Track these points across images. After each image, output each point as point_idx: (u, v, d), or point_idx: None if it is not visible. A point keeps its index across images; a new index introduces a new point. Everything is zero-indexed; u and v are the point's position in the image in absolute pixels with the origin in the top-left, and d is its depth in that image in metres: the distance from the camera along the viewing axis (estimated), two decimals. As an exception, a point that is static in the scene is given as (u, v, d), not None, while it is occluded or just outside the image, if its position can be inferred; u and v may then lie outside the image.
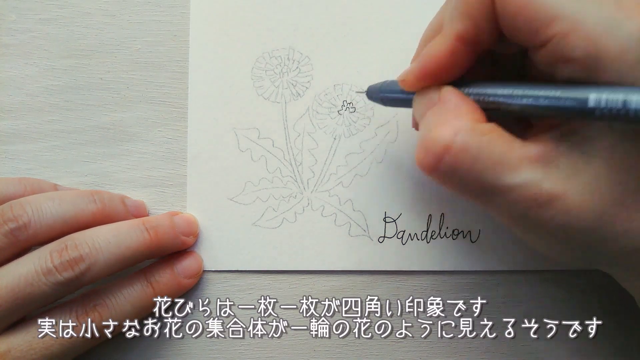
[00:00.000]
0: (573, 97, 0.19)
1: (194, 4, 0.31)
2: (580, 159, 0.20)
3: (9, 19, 0.31)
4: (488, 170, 0.20)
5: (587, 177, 0.20)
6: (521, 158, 0.20)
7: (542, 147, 0.20)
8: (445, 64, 0.22)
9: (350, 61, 0.31)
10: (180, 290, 0.29)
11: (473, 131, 0.20)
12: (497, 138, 0.20)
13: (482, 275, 0.31)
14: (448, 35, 0.22)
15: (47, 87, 0.31)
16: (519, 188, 0.20)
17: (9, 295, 0.24)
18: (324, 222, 0.30)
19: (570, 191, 0.20)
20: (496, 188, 0.20)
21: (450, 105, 0.22)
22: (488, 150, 0.20)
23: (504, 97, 0.21)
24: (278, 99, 0.31)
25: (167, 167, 0.31)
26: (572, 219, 0.20)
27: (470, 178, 0.21)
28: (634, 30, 0.18)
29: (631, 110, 0.17)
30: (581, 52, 0.18)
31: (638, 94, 0.17)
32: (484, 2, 0.20)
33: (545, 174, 0.20)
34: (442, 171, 0.21)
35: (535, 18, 0.19)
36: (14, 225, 0.25)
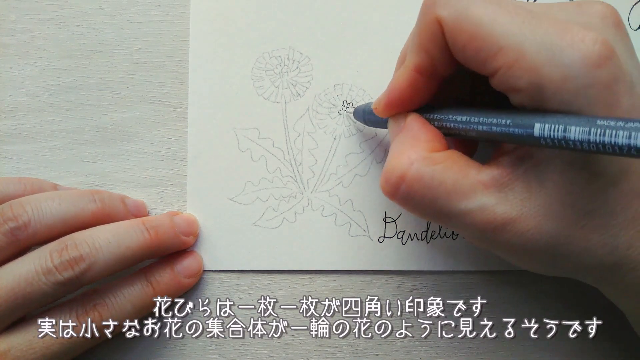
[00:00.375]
0: (520, 124, 0.19)
1: (194, 4, 0.31)
2: (535, 182, 0.20)
3: (9, 19, 0.31)
4: (441, 197, 0.21)
5: (541, 200, 0.20)
6: (475, 184, 0.21)
7: (498, 171, 0.21)
8: (407, 94, 0.23)
9: (350, 61, 0.31)
10: (181, 290, 0.29)
11: (426, 160, 0.22)
12: (451, 166, 0.21)
13: (482, 275, 0.31)
14: (407, 67, 0.23)
15: (47, 87, 0.31)
16: (473, 213, 0.21)
17: (8, 295, 0.24)
18: (324, 222, 0.30)
19: (524, 214, 0.20)
20: (452, 213, 0.21)
21: (410, 134, 0.23)
22: (441, 178, 0.21)
23: (462, 124, 0.22)
24: (278, 99, 0.31)
25: (167, 167, 0.31)
26: (528, 240, 0.21)
27: (425, 205, 0.22)
28: (575, 57, 0.18)
29: (570, 140, 0.18)
30: (525, 82, 0.19)
31: (576, 124, 0.17)
32: (436, 36, 0.21)
33: (499, 198, 0.21)
34: (399, 198, 0.22)
35: (482, 50, 0.20)
36: (14, 225, 0.25)
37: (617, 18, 0.21)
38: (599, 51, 0.18)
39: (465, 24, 0.20)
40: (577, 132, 0.17)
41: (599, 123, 0.17)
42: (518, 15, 0.19)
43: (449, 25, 0.20)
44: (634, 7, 0.31)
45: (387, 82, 0.25)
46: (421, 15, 0.22)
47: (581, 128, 0.17)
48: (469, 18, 0.20)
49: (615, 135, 0.16)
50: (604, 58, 0.18)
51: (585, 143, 0.17)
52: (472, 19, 0.20)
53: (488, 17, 0.19)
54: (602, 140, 0.17)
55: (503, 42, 0.19)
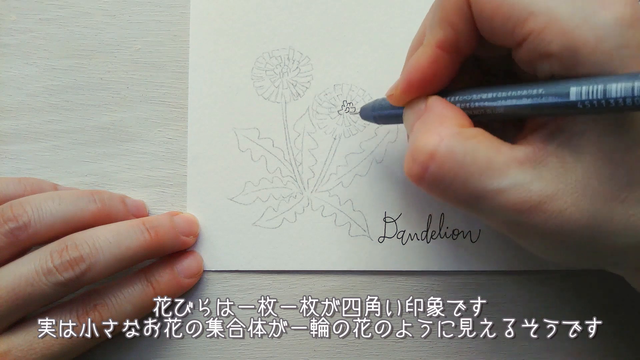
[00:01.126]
0: (554, 92, 0.18)
1: (194, 4, 0.31)
2: (570, 157, 0.19)
3: (9, 19, 0.31)
4: (474, 175, 0.20)
5: (578, 175, 0.19)
6: (509, 161, 0.20)
7: (531, 148, 0.20)
8: (429, 74, 0.22)
9: (350, 61, 0.31)
10: (181, 290, 0.29)
11: (458, 136, 0.20)
12: (483, 142, 0.20)
13: (482, 275, 0.31)
14: (429, 44, 0.22)
15: (47, 87, 0.31)
16: (507, 192, 0.20)
17: (9, 295, 0.24)
18: (324, 222, 0.30)
19: (561, 191, 0.19)
20: (484, 193, 0.20)
21: (435, 114, 0.22)
22: (474, 155, 0.20)
23: (489, 101, 0.21)
24: (278, 99, 0.31)
25: (167, 167, 0.31)
26: (566, 220, 0.19)
27: (457, 184, 0.20)
28: (608, 18, 0.18)
29: (612, 99, 0.17)
30: (558, 46, 0.18)
31: (616, 83, 0.17)
32: (461, 7, 0.20)
33: (534, 175, 0.20)
34: (428, 180, 0.21)
35: (510, 17, 0.19)
36: (14, 225, 0.25)
37: None
38: (630, 12, 0.18)
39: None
40: (619, 89, 0.17)
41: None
42: None
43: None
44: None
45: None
46: None
47: (623, 84, 0.17)
48: None
49: None
50: (636, 18, 0.18)
51: (629, 99, 0.16)
52: None
53: None
54: None
55: (533, 6, 0.19)
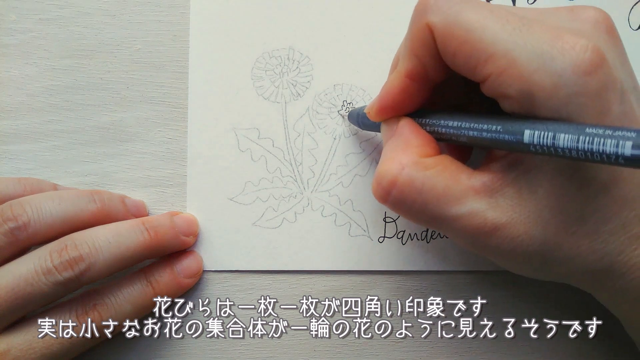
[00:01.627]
0: (510, 131, 0.19)
1: (194, 4, 0.31)
2: (526, 188, 0.21)
3: (9, 19, 0.31)
4: (432, 202, 0.21)
5: (532, 206, 0.20)
6: (466, 189, 0.21)
7: (489, 177, 0.21)
8: (399, 99, 0.23)
9: (350, 61, 0.31)
10: (180, 290, 0.29)
11: (417, 165, 0.22)
12: (442, 171, 0.21)
13: (482, 275, 0.31)
14: (399, 73, 0.23)
15: (47, 87, 0.31)
16: (463, 218, 0.21)
17: (8, 295, 0.24)
18: (324, 222, 0.30)
19: (514, 220, 0.21)
20: (442, 218, 0.21)
21: (402, 139, 0.23)
22: (432, 183, 0.21)
23: (453, 129, 0.22)
24: (278, 99, 0.31)
25: (167, 167, 0.31)
26: (518, 246, 0.21)
27: (416, 209, 0.22)
28: (565, 65, 0.18)
29: (559, 149, 0.18)
30: (515, 90, 0.19)
31: (565, 132, 0.17)
32: (427, 42, 0.21)
33: (489, 204, 0.21)
34: (391, 203, 0.22)
35: (472, 56, 0.20)
36: (14, 225, 0.25)
37: (610, 24, 0.21)
38: (589, 59, 0.18)
39: (455, 30, 0.20)
40: (566, 139, 0.17)
41: (587, 131, 0.17)
42: (509, 22, 0.19)
43: (439, 31, 0.20)
44: (634, 7, 0.30)
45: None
46: (412, 21, 0.22)
47: (570, 136, 0.17)
48: (460, 24, 0.20)
49: (603, 143, 0.16)
50: (594, 65, 0.18)
51: (574, 151, 0.17)
52: (462, 25, 0.20)
53: (479, 24, 0.19)
54: (590, 148, 0.17)
55: (493, 49, 0.19)
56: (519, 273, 0.24)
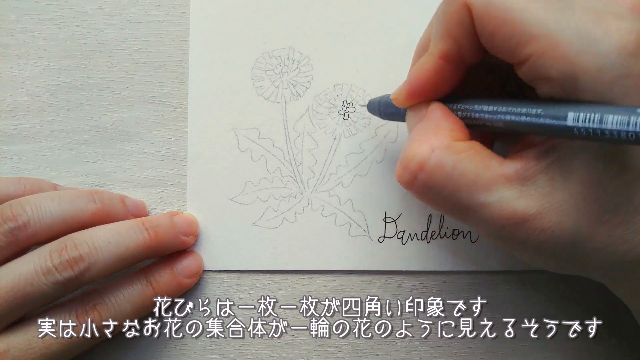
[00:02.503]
0: (552, 115, 0.19)
1: (194, 4, 0.31)
2: (559, 177, 0.20)
3: (9, 19, 0.31)
4: (462, 189, 0.20)
5: (565, 195, 0.20)
6: (497, 177, 0.20)
7: (521, 164, 0.20)
8: (431, 83, 0.22)
9: (350, 61, 0.31)
10: (180, 289, 0.29)
11: (449, 149, 0.21)
12: (474, 156, 0.21)
13: (482, 275, 0.31)
14: (432, 54, 0.22)
15: (47, 87, 0.31)
16: (492, 207, 0.20)
17: (8, 295, 0.24)
18: (324, 222, 0.30)
19: (546, 209, 0.20)
20: (470, 206, 0.21)
21: (432, 122, 0.22)
22: (462, 169, 0.20)
23: (489, 114, 0.21)
24: (278, 99, 0.31)
25: (167, 167, 0.31)
26: (548, 237, 0.20)
27: (444, 195, 0.21)
28: (611, 47, 0.18)
29: (607, 131, 0.17)
30: (558, 72, 0.18)
31: (613, 115, 0.17)
32: (464, 22, 0.20)
33: (520, 192, 0.20)
34: (417, 188, 0.21)
35: (512, 37, 0.19)
36: (14, 225, 0.25)
37: None
38: (635, 41, 0.18)
39: (495, 10, 0.19)
40: (615, 121, 0.17)
41: (639, 111, 0.16)
42: (551, 3, 0.19)
43: (478, 10, 0.20)
44: None
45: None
46: (448, 1, 0.21)
47: (620, 117, 0.17)
48: (500, 3, 0.19)
49: None
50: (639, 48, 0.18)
51: (624, 132, 0.17)
52: (502, 4, 0.19)
53: (520, 3, 0.19)
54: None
55: (535, 29, 0.19)
56: (541, 267, 0.23)
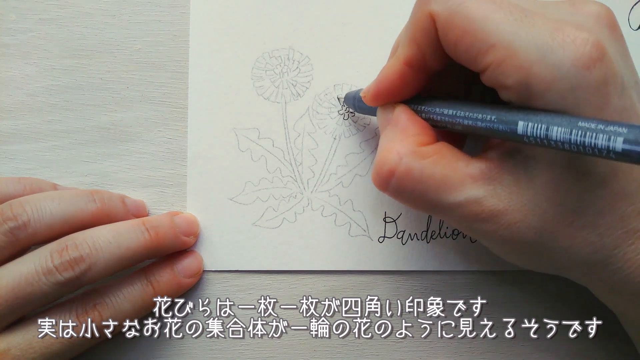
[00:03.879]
0: (504, 121, 0.19)
1: (194, 4, 0.31)
2: (523, 177, 0.21)
3: (9, 19, 0.31)
4: (431, 191, 0.22)
5: (529, 195, 0.21)
6: (464, 177, 0.21)
7: (486, 164, 0.21)
8: (396, 85, 0.23)
9: (350, 61, 0.31)
10: (181, 289, 0.29)
11: (414, 155, 0.22)
12: (440, 160, 0.22)
13: (482, 275, 0.31)
14: (398, 59, 0.23)
15: (47, 87, 0.31)
16: (461, 206, 0.21)
17: (9, 295, 0.24)
18: (324, 222, 0.30)
19: (512, 208, 0.21)
20: (441, 206, 0.22)
21: (399, 128, 0.23)
22: (430, 172, 0.21)
23: (449, 117, 0.22)
24: (278, 99, 0.31)
25: (167, 167, 0.31)
26: (514, 233, 0.21)
27: (415, 198, 0.22)
28: (565, 58, 0.18)
29: (552, 141, 0.18)
30: (514, 80, 0.19)
31: (559, 124, 0.18)
32: (429, 30, 0.21)
33: (487, 191, 0.21)
34: (390, 192, 0.23)
35: (473, 46, 0.20)
36: (14, 224, 0.25)
37: (612, 19, 0.21)
38: (589, 52, 0.18)
39: (458, 20, 0.20)
40: (559, 132, 0.18)
41: (580, 124, 0.17)
42: (511, 14, 0.19)
43: (441, 20, 0.20)
44: (634, 7, 0.31)
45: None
46: (415, 9, 0.22)
47: (563, 128, 0.17)
48: (462, 14, 0.20)
49: (595, 137, 0.17)
50: (594, 59, 0.18)
51: (567, 143, 0.17)
52: (465, 15, 0.20)
53: (481, 14, 0.19)
54: (582, 141, 0.17)
55: (494, 39, 0.19)
56: (515, 263, 0.24)
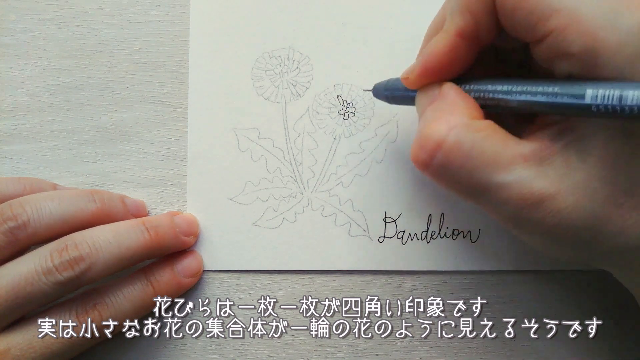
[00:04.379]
0: (570, 93, 0.18)
1: (194, 4, 0.31)
2: (575, 157, 0.20)
3: (9, 19, 0.31)
4: (480, 168, 0.20)
5: (581, 176, 0.19)
6: (514, 156, 0.20)
7: (538, 144, 0.20)
8: (446, 60, 0.22)
9: (350, 61, 0.31)
10: (181, 289, 0.29)
11: (467, 127, 0.20)
12: (492, 135, 0.20)
13: (482, 275, 0.31)
14: (449, 31, 0.22)
15: (47, 87, 0.31)
16: (510, 187, 0.20)
17: (9, 295, 0.24)
18: (324, 222, 0.30)
19: (562, 190, 0.19)
20: (488, 186, 0.20)
21: (448, 101, 0.22)
22: (481, 147, 0.20)
23: (503, 94, 0.21)
24: (278, 99, 0.31)
25: (167, 167, 0.31)
26: (564, 219, 0.20)
27: (462, 175, 0.21)
28: (633, 23, 0.17)
29: (627, 107, 0.17)
30: (579, 47, 0.18)
31: (634, 90, 0.17)
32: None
33: (537, 172, 0.20)
34: (434, 167, 0.21)
35: (533, 12, 0.19)
36: (13, 224, 0.25)
37: None
38: None
39: None
40: (636, 97, 0.16)
41: None
42: None
43: None
44: None
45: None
46: None
47: (638, 92, 0.16)
48: None
49: None
50: None
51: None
52: None
53: None
54: None
55: (556, 4, 0.18)
56: (555, 254, 0.23)
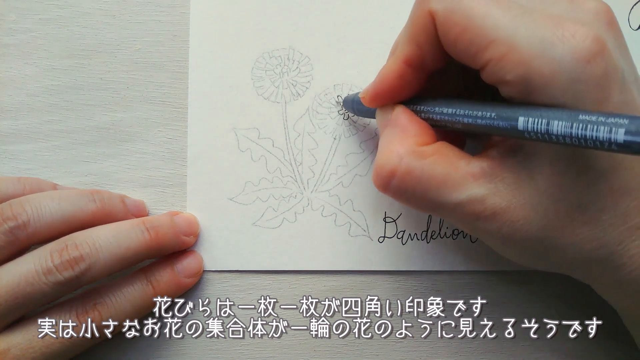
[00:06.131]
0: (504, 118, 0.19)
1: (194, 4, 0.31)
2: (524, 174, 0.21)
3: (9, 19, 0.31)
4: (432, 190, 0.22)
5: (531, 192, 0.20)
6: (465, 176, 0.21)
7: (487, 163, 0.21)
8: (395, 86, 0.23)
9: (350, 61, 0.31)
10: (181, 289, 0.29)
11: (415, 155, 0.22)
12: (440, 159, 0.22)
13: (482, 275, 0.31)
14: (397, 59, 0.23)
15: (47, 87, 0.31)
16: (463, 204, 0.21)
17: (8, 294, 0.24)
18: (324, 222, 0.30)
19: (514, 205, 0.21)
20: (442, 205, 0.22)
21: (399, 128, 0.23)
22: (430, 172, 0.21)
23: (448, 116, 0.22)
24: (278, 99, 0.31)
25: (167, 167, 0.31)
26: (517, 231, 0.21)
27: (417, 196, 0.22)
28: (565, 52, 0.18)
29: (553, 135, 0.18)
30: (514, 75, 0.19)
31: (559, 119, 0.17)
32: (428, 28, 0.21)
33: (489, 189, 0.21)
34: (392, 192, 0.23)
35: (473, 42, 0.20)
36: (13, 224, 0.25)
37: (611, 15, 0.21)
38: (589, 46, 0.18)
39: (457, 17, 0.20)
40: (560, 126, 0.17)
41: (580, 117, 0.17)
42: (510, 9, 0.19)
43: (441, 18, 0.20)
44: (634, 7, 0.31)
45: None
46: (414, 8, 0.22)
47: (564, 122, 0.17)
48: (461, 11, 0.20)
49: (596, 129, 0.16)
50: (594, 53, 0.18)
51: (568, 137, 0.17)
52: (464, 11, 0.20)
53: (480, 10, 0.19)
54: (583, 135, 0.17)
55: (494, 35, 0.19)
56: (518, 261, 0.24)
